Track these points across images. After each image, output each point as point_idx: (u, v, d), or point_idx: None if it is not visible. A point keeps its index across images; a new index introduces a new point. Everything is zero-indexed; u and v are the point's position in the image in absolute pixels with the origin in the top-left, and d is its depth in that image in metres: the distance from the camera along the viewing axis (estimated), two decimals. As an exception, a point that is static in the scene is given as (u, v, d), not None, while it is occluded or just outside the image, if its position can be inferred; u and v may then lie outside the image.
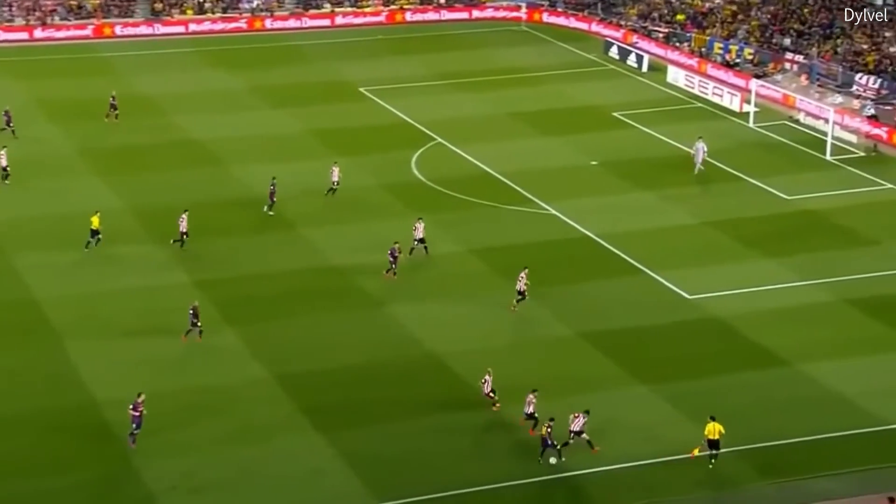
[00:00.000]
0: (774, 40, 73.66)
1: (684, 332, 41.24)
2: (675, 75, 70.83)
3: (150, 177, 55.33)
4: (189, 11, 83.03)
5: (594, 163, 57.79)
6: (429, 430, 35.52)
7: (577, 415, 34.03)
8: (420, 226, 46.65)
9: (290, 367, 38.86)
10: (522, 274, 42.23)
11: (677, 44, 76.17)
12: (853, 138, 59.65)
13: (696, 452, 33.89)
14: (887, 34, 70.27)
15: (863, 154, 58.71)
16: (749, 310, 42.64)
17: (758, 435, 35.12)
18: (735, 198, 53.40)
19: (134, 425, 34.09)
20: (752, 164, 56.88)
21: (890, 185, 54.89)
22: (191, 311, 39.72)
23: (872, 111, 62.59)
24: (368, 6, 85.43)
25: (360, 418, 36.10)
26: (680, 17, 79.36)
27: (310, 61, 75.53)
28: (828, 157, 58.28)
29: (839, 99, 64.14)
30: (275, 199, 50.52)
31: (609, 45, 77.03)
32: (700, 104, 66.96)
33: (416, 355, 39.60)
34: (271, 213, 50.40)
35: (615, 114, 65.09)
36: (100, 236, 46.80)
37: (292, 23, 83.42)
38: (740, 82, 68.71)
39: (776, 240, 48.64)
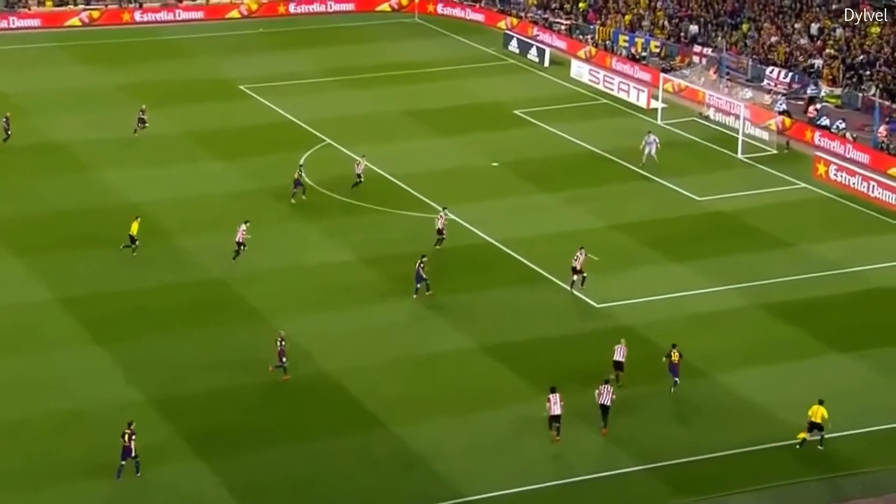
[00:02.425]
0: (682, 31, 75.06)
1: (592, 342, 41.71)
2: (579, 70, 71.76)
3: (6, 183, 54.17)
4: (48, 3, 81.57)
5: (495, 164, 58.23)
6: (319, 453, 35.37)
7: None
8: (443, 216, 48.05)
9: (168, 389, 38.36)
10: (579, 253, 44.39)
11: (580, 36, 77.20)
12: (765, 135, 61.06)
13: (802, 436, 34.92)
14: (797, 25, 72.06)
15: (775, 152, 60.14)
16: (660, 317, 43.34)
17: (671, 450, 35.69)
18: (643, 199, 54.26)
19: (128, 454, 33.46)
20: (661, 162, 57.85)
21: (803, 185, 56.32)
22: (281, 341, 38.56)
23: (784, 106, 64.13)
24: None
25: (246, 443, 35.79)
26: (582, 4, 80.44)
27: (184, 57, 74.79)
28: (739, 155, 59.58)
29: (749, 94, 65.61)
30: (302, 185, 51.97)
31: (509, 38, 77.72)
32: (605, 100, 67.94)
33: (306, 373, 39.41)
34: (304, 197, 52.12)
35: (516, 111, 65.68)
36: (137, 244, 46.35)
37: (164, 15, 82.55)
38: (647, 77, 69.93)
39: (687, 243, 49.53)
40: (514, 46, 76.80)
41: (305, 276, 46.07)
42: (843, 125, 61.33)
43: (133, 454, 33.56)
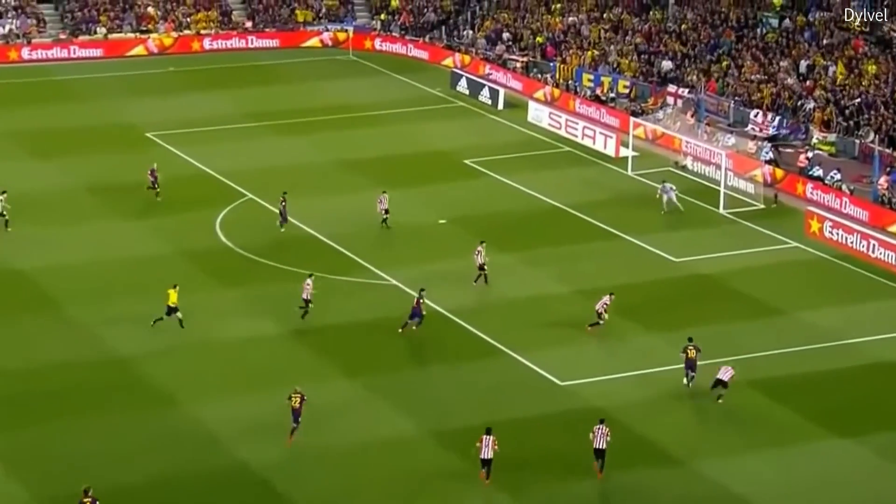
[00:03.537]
0: (654, 66, 76.03)
1: (556, 425, 41.79)
2: (538, 113, 72.48)
3: None
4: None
5: (442, 221, 58.50)
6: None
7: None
8: (482, 250, 50.52)
9: (61, 486, 37.88)
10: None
11: (539, 75, 78.02)
12: (751, 187, 61.80)
13: None
14: (783, 63, 73.20)
15: (762, 206, 60.86)
16: (632, 396, 43.50)
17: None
18: (612, 260, 54.67)
19: None
20: (632, 219, 58.38)
21: (794, 244, 56.98)
22: (301, 398, 39.69)
23: (771, 154, 64.99)
24: (155, 31, 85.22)
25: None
26: (540, 38, 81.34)
27: (81, 100, 74.81)
28: (721, 210, 60.26)
29: (732, 140, 66.47)
30: (286, 218, 55.24)
31: (457, 77, 78.42)
32: (568, 148, 68.59)
33: (224, 465, 39.15)
34: (282, 230, 55.52)
35: (466, 161, 66.14)
36: (179, 314, 46.32)
37: (56, 52, 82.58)
38: (615, 121, 70.71)
39: (662, 310, 49.88)
40: (463, 87, 77.49)
41: (223, 353, 45.86)
42: (839, 176, 62.20)
43: None
